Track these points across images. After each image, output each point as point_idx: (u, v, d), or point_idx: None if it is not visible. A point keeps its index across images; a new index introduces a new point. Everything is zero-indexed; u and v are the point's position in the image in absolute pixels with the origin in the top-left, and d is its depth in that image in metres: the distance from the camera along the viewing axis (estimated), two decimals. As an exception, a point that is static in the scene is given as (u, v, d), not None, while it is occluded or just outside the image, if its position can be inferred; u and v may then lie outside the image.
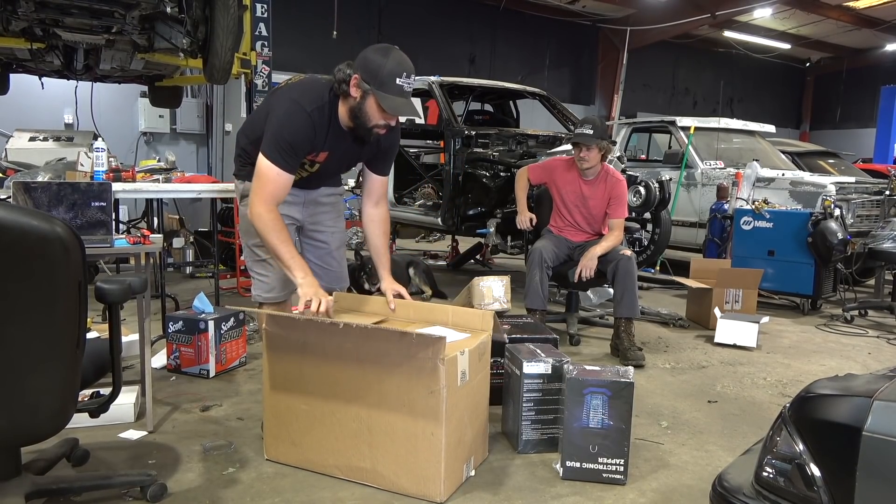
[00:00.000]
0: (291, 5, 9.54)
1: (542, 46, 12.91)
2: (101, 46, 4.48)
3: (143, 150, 8.63)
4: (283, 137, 2.22)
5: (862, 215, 5.71)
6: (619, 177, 3.93)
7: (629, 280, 3.65)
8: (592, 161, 3.79)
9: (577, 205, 3.95)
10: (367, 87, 2.17)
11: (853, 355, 4.04)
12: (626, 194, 3.94)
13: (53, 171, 3.94)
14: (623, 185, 3.91)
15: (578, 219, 3.98)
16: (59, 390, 1.61)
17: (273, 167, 2.22)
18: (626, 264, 3.66)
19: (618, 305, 3.71)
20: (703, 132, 6.72)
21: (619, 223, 3.87)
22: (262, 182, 2.23)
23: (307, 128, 2.24)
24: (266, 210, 2.21)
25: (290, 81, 2.44)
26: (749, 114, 13.98)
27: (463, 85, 6.31)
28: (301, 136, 2.24)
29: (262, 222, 2.22)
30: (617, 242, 3.82)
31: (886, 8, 12.10)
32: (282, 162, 2.22)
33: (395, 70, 2.15)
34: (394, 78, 2.15)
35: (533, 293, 3.74)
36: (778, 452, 1.37)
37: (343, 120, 2.31)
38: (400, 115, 2.26)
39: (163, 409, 2.79)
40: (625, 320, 3.70)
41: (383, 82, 2.15)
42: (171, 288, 4.97)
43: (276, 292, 2.53)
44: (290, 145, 2.22)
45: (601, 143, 3.74)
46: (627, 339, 3.68)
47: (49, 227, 1.50)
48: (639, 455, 2.46)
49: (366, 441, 2.12)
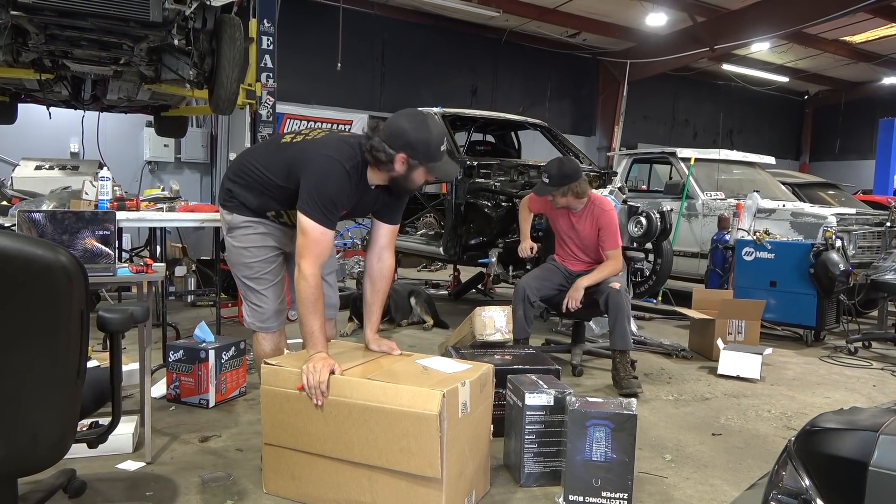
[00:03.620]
0: (296, 38, 9.69)
1: (544, 78, 13.08)
2: (109, 77, 4.55)
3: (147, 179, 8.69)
4: (325, 195, 2.21)
5: (863, 246, 5.72)
6: (606, 206, 3.89)
7: (619, 312, 3.64)
8: (561, 203, 3.86)
9: (571, 235, 3.99)
10: (416, 163, 2.24)
11: (858, 387, 4.00)
12: (613, 223, 3.85)
13: (58, 199, 3.97)
14: (608, 214, 3.86)
15: (574, 248, 4.00)
16: (59, 420, 1.60)
17: (318, 227, 2.21)
18: (615, 297, 3.65)
19: (611, 337, 3.74)
20: (703, 163, 6.77)
21: (613, 254, 3.84)
22: (309, 243, 2.21)
23: (346, 184, 2.25)
24: (313, 274, 2.22)
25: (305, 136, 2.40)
26: (749, 145, 14.07)
27: (465, 116, 6.38)
28: (343, 194, 2.25)
29: (307, 288, 2.21)
30: (610, 273, 3.79)
31: (882, 42, 12.27)
32: (326, 221, 2.22)
33: (439, 141, 2.25)
34: (439, 148, 2.25)
35: (518, 327, 3.77)
36: (784, 487, 1.35)
37: (374, 180, 2.33)
38: (451, 178, 2.28)
39: (162, 439, 2.77)
40: (618, 352, 3.69)
41: (433, 157, 2.24)
42: (173, 316, 4.96)
43: (271, 322, 2.52)
44: (333, 202, 2.22)
45: (560, 191, 3.76)
46: (623, 369, 3.67)
47: (53, 255, 1.50)
48: (643, 489, 2.42)
49: (366, 475, 2.10)
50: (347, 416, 2.08)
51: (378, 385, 2.06)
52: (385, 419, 2.03)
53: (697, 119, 15.52)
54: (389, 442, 2.03)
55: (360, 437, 2.07)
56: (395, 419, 2.01)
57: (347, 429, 2.09)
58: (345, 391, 2.09)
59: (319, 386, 2.08)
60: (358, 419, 2.07)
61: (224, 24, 4.10)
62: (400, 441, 2.02)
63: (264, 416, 2.26)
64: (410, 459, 2.01)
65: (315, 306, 2.22)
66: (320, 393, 2.09)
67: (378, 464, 2.06)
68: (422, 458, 1.99)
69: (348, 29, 10.05)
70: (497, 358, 2.94)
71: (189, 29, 3.86)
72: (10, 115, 5.75)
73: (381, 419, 2.03)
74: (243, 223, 2.46)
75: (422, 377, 2.15)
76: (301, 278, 2.22)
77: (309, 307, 2.22)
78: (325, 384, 2.09)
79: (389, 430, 2.03)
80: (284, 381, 2.18)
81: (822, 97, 16.97)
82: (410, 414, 1.99)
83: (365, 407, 2.06)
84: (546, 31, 12.03)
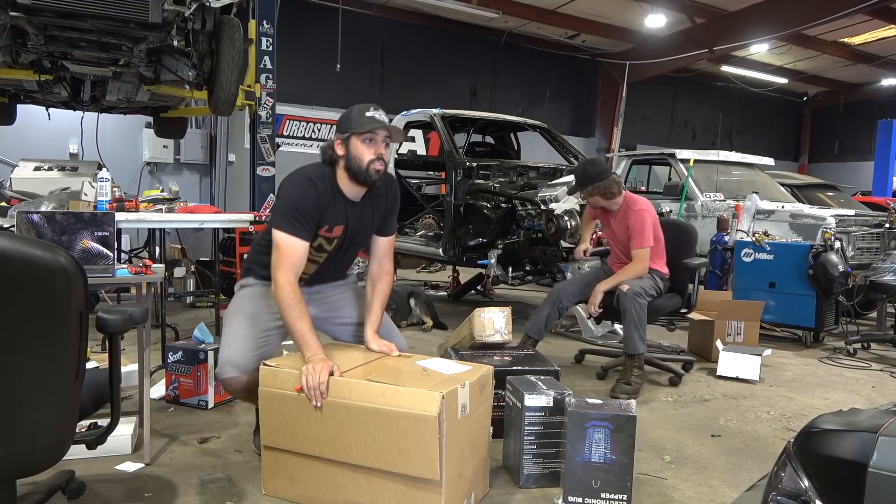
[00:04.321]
0: (296, 39, 9.70)
1: (543, 79, 13.08)
2: (108, 78, 4.55)
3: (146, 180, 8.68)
4: (289, 204, 2.29)
5: (862, 248, 5.72)
6: (637, 205, 3.82)
7: (626, 316, 3.60)
8: (592, 203, 3.90)
9: (613, 238, 3.99)
10: (345, 134, 2.32)
11: (857, 389, 4.01)
12: (641, 221, 3.76)
13: (57, 200, 3.97)
14: (637, 213, 3.78)
15: (618, 252, 3.98)
16: (58, 421, 1.60)
17: (286, 236, 2.27)
18: (622, 300, 3.61)
19: (623, 340, 3.72)
20: (702, 164, 6.77)
21: (637, 254, 3.76)
22: (280, 253, 2.27)
23: (310, 191, 2.31)
24: (287, 281, 2.25)
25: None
26: (748, 146, 14.08)
27: (464, 117, 6.39)
28: (306, 200, 2.29)
29: (284, 294, 2.24)
30: (633, 275, 3.72)
31: (881, 44, 12.29)
32: (292, 229, 2.27)
33: (361, 108, 2.33)
34: (362, 113, 2.32)
35: (535, 322, 3.78)
36: (783, 489, 1.35)
37: (345, 186, 2.38)
38: (378, 128, 2.32)
39: (160, 440, 2.76)
40: (626, 355, 3.68)
41: (355, 121, 2.32)
42: (172, 317, 4.96)
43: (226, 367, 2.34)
44: (297, 209, 2.28)
45: (586, 191, 3.79)
46: (624, 372, 3.66)
47: (52, 257, 1.50)
48: (642, 490, 2.42)
49: (365, 477, 2.10)
50: (346, 418, 2.08)
51: (377, 386, 2.06)
52: (384, 421, 2.02)
53: (696, 120, 15.53)
54: (388, 444, 2.03)
55: (358, 438, 2.07)
56: (393, 421, 2.01)
57: (346, 430, 2.08)
58: (344, 393, 2.09)
59: (319, 387, 2.07)
60: (357, 421, 2.06)
61: (223, 26, 4.10)
62: (399, 443, 2.01)
63: (262, 418, 2.25)
64: (409, 461, 2.01)
65: (298, 309, 2.24)
66: (319, 394, 2.08)
67: (376, 466, 2.06)
68: (420, 460, 1.99)
69: (348, 30, 10.05)
70: (496, 359, 2.94)
71: (188, 30, 3.86)
72: (9, 116, 5.75)
73: (380, 421, 2.03)
74: (254, 283, 2.54)
75: (421, 379, 2.15)
76: (277, 288, 2.26)
77: (292, 311, 2.23)
78: (325, 385, 2.08)
79: (388, 432, 2.02)
80: (283, 382, 2.18)
81: (821, 99, 16.99)
82: (409, 415, 1.99)
83: (364, 408, 2.05)
84: (545, 32, 12.04)
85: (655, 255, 3.83)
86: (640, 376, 3.67)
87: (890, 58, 13.10)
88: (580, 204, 4.66)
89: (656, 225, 3.83)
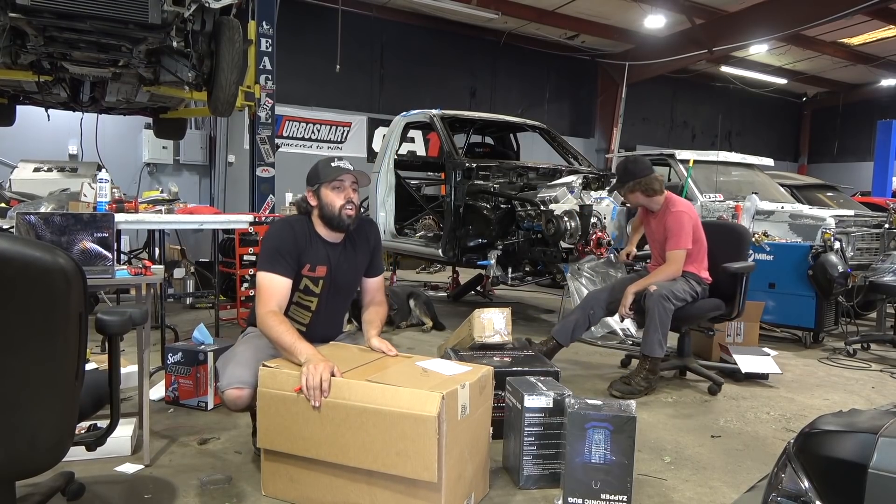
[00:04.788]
0: (295, 40, 9.70)
1: (542, 80, 13.09)
2: (108, 79, 4.55)
3: (146, 181, 8.68)
4: (268, 247, 2.45)
5: (862, 248, 5.71)
6: (676, 206, 3.76)
7: (649, 317, 3.53)
8: (634, 202, 3.87)
9: (652, 239, 3.94)
10: (315, 186, 2.50)
11: (857, 389, 4.01)
12: (678, 222, 3.68)
13: (57, 201, 3.97)
14: (676, 215, 3.69)
15: (657, 253, 3.92)
16: (57, 423, 1.60)
17: (266, 275, 2.40)
18: (649, 301, 3.55)
19: (642, 340, 3.66)
20: (702, 165, 6.77)
21: (670, 255, 3.69)
22: (261, 291, 2.41)
23: (287, 231, 2.48)
24: (268, 311, 2.35)
25: None
26: (747, 147, 14.08)
27: (464, 118, 6.39)
28: (283, 240, 2.45)
29: (266, 320, 2.32)
30: (664, 277, 3.66)
31: (880, 44, 12.30)
32: (271, 266, 2.40)
33: (327, 160, 2.53)
34: (328, 164, 2.51)
35: (563, 327, 3.76)
36: (783, 490, 1.35)
37: (323, 232, 2.53)
38: (344, 174, 2.47)
39: (160, 441, 2.76)
40: (641, 356, 3.64)
41: (322, 172, 2.50)
42: (171, 318, 4.96)
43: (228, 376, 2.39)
44: (275, 249, 2.43)
45: (628, 186, 3.75)
46: (632, 372, 3.63)
47: (51, 258, 1.50)
48: (642, 491, 2.42)
49: (364, 478, 2.09)
50: (345, 419, 2.07)
51: (377, 387, 2.06)
52: (383, 421, 2.02)
53: (696, 121, 15.54)
54: (386, 445, 2.02)
55: (356, 440, 2.06)
56: (393, 421, 2.01)
57: (343, 432, 2.07)
58: (343, 393, 2.08)
59: (321, 386, 2.07)
60: (355, 422, 2.06)
61: (223, 26, 4.10)
62: (397, 444, 2.00)
63: (259, 419, 2.23)
64: (406, 463, 2.00)
65: (282, 326, 2.30)
66: (319, 394, 2.07)
67: (373, 468, 2.05)
68: (418, 462, 1.98)
69: (347, 31, 10.06)
70: (496, 360, 2.94)
71: (188, 31, 3.86)
72: (8, 117, 5.75)
73: (379, 421, 2.02)
74: (256, 331, 2.55)
75: (421, 379, 2.15)
76: (259, 320, 2.36)
77: (277, 329, 2.29)
78: (326, 384, 2.08)
79: (387, 433, 2.02)
80: (282, 383, 2.17)
81: (821, 99, 17.00)
82: (409, 416, 1.99)
83: (363, 409, 2.04)
84: (545, 33, 12.04)
85: (694, 258, 3.72)
86: (648, 380, 3.61)
87: (889, 58, 13.11)
88: (580, 205, 4.67)
89: (696, 227, 3.74)
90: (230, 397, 2.32)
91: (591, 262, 5.00)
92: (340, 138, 10.91)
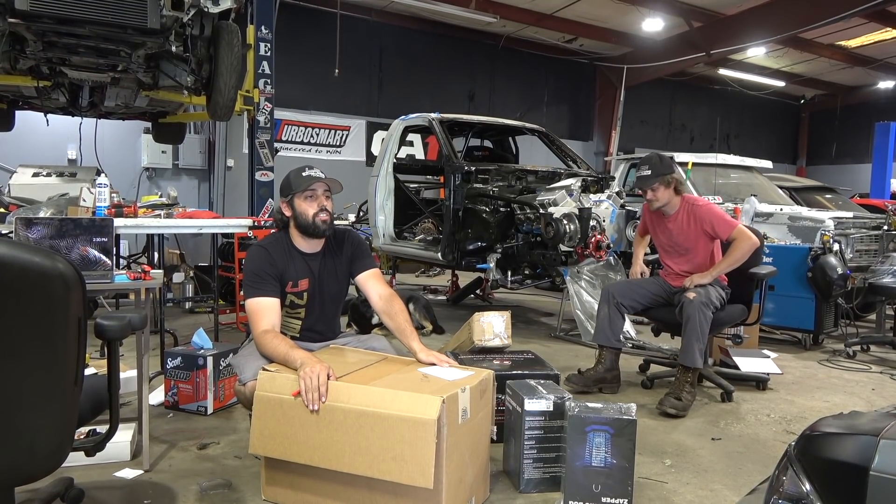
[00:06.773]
0: (294, 44, 9.72)
1: (541, 83, 13.12)
2: (107, 84, 4.56)
3: (145, 186, 8.69)
4: (248, 274, 2.50)
5: (861, 250, 5.72)
6: (701, 202, 3.70)
7: (688, 325, 3.38)
8: (662, 199, 3.64)
9: (671, 244, 3.75)
10: (289, 196, 2.54)
11: (857, 391, 4.00)
12: (716, 211, 3.60)
13: (56, 206, 3.97)
14: (707, 207, 3.63)
15: (672, 262, 3.77)
16: (56, 428, 1.59)
17: (253, 300, 2.44)
18: (688, 308, 3.38)
19: (681, 351, 3.49)
20: (700, 168, 6.78)
21: (735, 233, 3.51)
22: (252, 317, 2.43)
23: (263, 254, 2.53)
24: (263, 330, 2.36)
25: None
26: (746, 149, 14.11)
27: (462, 121, 6.39)
28: (261, 263, 2.50)
29: (262, 338, 2.35)
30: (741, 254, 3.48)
31: (877, 47, 12.34)
32: (256, 291, 2.45)
33: (298, 171, 2.56)
34: (300, 174, 2.54)
35: (599, 328, 3.69)
36: (784, 492, 1.34)
37: (300, 243, 2.57)
38: (316, 183, 2.50)
39: (159, 446, 2.75)
40: (681, 367, 3.47)
41: (294, 182, 2.54)
42: (171, 323, 4.96)
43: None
44: (255, 274, 2.47)
45: (664, 179, 3.59)
46: (675, 385, 3.48)
47: (50, 263, 1.50)
48: (643, 494, 2.42)
49: (365, 483, 2.09)
50: (342, 423, 2.05)
51: (377, 391, 2.05)
52: (381, 425, 2.00)
53: (694, 124, 15.57)
54: (383, 449, 1.99)
55: (352, 444, 2.03)
56: (391, 425, 1.99)
57: (339, 436, 2.04)
58: (342, 397, 2.07)
59: (319, 389, 2.06)
60: (353, 426, 2.03)
61: (222, 31, 4.11)
62: (394, 448, 1.98)
63: (254, 424, 2.18)
64: (403, 468, 1.96)
65: (274, 340, 2.32)
66: (318, 397, 2.05)
67: (368, 473, 2.01)
68: (414, 467, 1.95)
69: (346, 35, 10.08)
70: (496, 363, 2.94)
71: (187, 35, 3.86)
72: (7, 122, 5.75)
73: (377, 425, 2.00)
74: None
75: (421, 383, 2.14)
76: (256, 344, 2.39)
77: (271, 342, 2.31)
78: (324, 387, 2.07)
79: (384, 437, 1.99)
80: (281, 386, 2.15)
81: (819, 101, 17.04)
82: (408, 419, 1.97)
83: (361, 412, 2.03)
84: (543, 36, 12.07)
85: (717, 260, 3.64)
86: (692, 393, 3.45)
87: (887, 60, 13.15)
88: (579, 208, 4.67)
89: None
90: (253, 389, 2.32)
91: (591, 264, 5.00)
92: (339, 142, 10.92)
